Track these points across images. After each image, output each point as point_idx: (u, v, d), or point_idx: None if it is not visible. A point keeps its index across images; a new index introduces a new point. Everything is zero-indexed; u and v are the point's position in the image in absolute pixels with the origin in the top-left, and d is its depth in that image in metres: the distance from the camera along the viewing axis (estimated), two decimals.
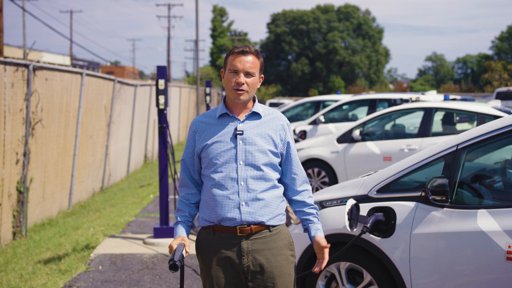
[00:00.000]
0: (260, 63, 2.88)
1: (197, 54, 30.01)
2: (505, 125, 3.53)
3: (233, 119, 2.87)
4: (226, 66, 2.87)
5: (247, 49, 2.83)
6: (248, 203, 2.79)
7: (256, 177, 2.81)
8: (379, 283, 3.79)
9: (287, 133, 2.93)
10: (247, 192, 2.79)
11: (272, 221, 2.84)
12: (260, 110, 2.90)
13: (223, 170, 2.81)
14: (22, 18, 34.35)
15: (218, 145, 2.83)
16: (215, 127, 2.87)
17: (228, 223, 2.80)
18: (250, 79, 2.82)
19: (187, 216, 2.93)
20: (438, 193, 3.49)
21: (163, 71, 6.93)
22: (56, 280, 5.51)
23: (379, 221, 3.73)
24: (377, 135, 9.11)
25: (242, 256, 2.81)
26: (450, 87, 63.57)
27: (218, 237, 2.83)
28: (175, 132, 22.55)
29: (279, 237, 2.87)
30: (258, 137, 2.84)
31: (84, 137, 10.52)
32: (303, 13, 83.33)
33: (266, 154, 2.83)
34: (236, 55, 2.83)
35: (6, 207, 7.47)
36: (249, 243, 2.81)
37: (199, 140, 2.89)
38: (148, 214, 8.79)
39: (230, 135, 2.84)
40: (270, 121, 2.90)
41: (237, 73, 2.81)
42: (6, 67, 7.32)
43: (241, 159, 2.81)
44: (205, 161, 2.86)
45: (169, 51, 47.94)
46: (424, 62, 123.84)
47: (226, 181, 2.80)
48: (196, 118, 2.97)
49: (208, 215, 2.85)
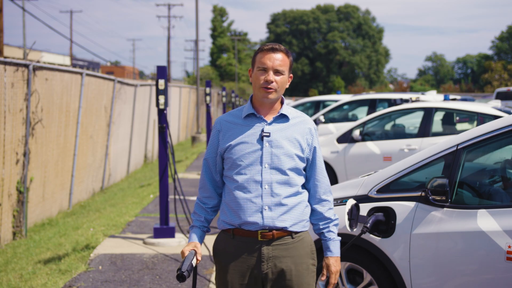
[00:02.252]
0: (290, 62, 2.78)
1: (197, 54, 30.00)
2: (505, 125, 3.53)
3: (260, 120, 2.77)
4: (255, 64, 2.77)
5: (276, 46, 2.75)
6: (271, 208, 2.69)
7: (281, 181, 2.71)
8: (379, 283, 3.79)
9: (314, 138, 2.83)
10: (271, 196, 2.70)
11: (295, 227, 2.74)
12: (288, 112, 2.80)
13: (247, 172, 2.72)
14: (22, 18, 34.36)
15: (243, 146, 2.73)
16: (241, 128, 2.77)
17: (249, 227, 2.70)
18: (279, 78, 2.73)
19: (202, 221, 2.84)
20: (438, 193, 3.49)
21: (163, 71, 6.92)
22: (56, 280, 5.51)
23: (379, 221, 3.73)
24: (377, 135, 9.11)
25: (262, 262, 2.71)
26: (450, 87, 63.59)
27: (238, 241, 2.74)
28: (175, 132, 22.55)
29: (302, 245, 2.77)
30: (285, 140, 2.74)
31: (84, 137, 10.52)
32: (303, 13, 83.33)
33: (293, 158, 2.73)
34: (266, 53, 2.74)
35: (6, 207, 7.47)
36: (269, 249, 2.71)
37: (223, 139, 2.78)
38: (148, 214, 8.79)
39: (257, 137, 2.74)
40: (297, 124, 2.80)
41: (266, 71, 2.72)
42: (6, 67, 7.32)
43: (267, 162, 2.71)
44: (229, 162, 2.76)
45: (169, 51, 47.97)
46: (424, 62, 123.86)
47: (249, 183, 2.71)
48: (221, 117, 2.86)
49: (228, 217, 2.75)
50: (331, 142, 9.28)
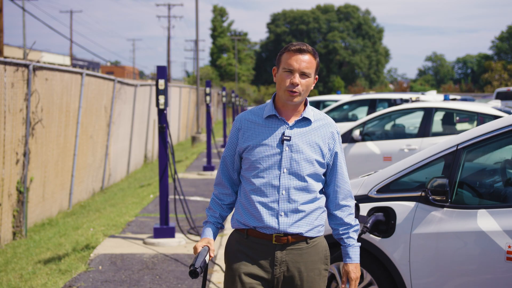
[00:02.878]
0: (317, 63, 2.68)
1: (197, 54, 29.99)
2: (505, 125, 3.53)
3: (281, 123, 2.68)
4: (280, 65, 2.66)
5: (304, 47, 2.62)
6: (288, 214, 2.63)
7: (299, 187, 2.64)
8: (379, 283, 3.79)
9: (336, 142, 2.74)
10: (287, 202, 2.63)
11: (310, 232, 2.68)
12: (310, 115, 2.70)
13: (265, 175, 2.65)
14: (22, 18, 34.36)
15: (263, 148, 2.66)
16: (262, 128, 2.69)
17: (264, 230, 2.65)
18: (305, 80, 2.62)
19: (217, 218, 2.78)
20: (438, 193, 3.49)
21: (163, 71, 6.92)
22: (56, 280, 5.51)
23: (379, 221, 3.73)
24: (377, 135, 9.10)
25: (275, 266, 2.65)
26: (450, 87, 63.58)
27: (252, 242, 2.68)
28: (175, 132, 22.55)
29: (316, 250, 2.71)
30: (306, 145, 2.66)
31: (84, 137, 10.52)
32: (303, 13, 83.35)
33: (312, 164, 2.66)
34: (293, 53, 2.62)
35: (6, 207, 7.47)
36: (283, 253, 2.65)
37: (242, 139, 2.71)
38: (148, 214, 8.79)
39: (277, 140, 2.65)
40: (319, 128, 2.71)
41: (292, 73, 2.61)
42: (6, 67, 7.32)
43: (286, 166, 2.63)
44: (247, 162, 2.70)
45: (169, 51, 47.97)
46: (424, 62, 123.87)
47: (267, 188, 2.64)
48: (242, 114, 2.78)
49: (243, 218, 2.69)
50: None
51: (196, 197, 10.19)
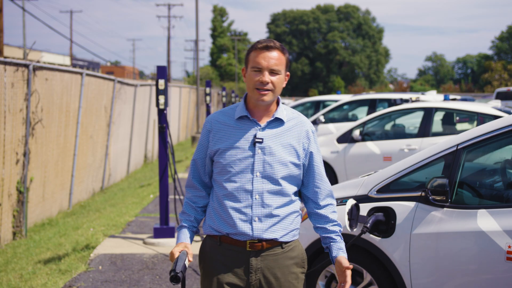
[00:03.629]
0: (286, 59, 2.58)
1: (197, 54, 29.99)
2: (505, 125, 3.53)
3: (253, 124, 2.59)
4: (248, 64, 2.58)
5: (271, 44, 2.55)
6: (262, 219, 2.54)
7: (273, 191, 2.55)
8: (379, 283, 3.79)
9: (311, 142, 2.64)
10: (261, 207, 2.54)
11: (285, 237, 2.60)
12: (283, 115, 2.61)
13: (237, 180, 2.55)
14: (22, 18, 34.36)
15: (234, 151, 2.56)
16: (233, 130, 2.59)
17: (238, 237, 2.55)
18: (275, 78, 2.54)
19: (192, 221, 2.68)
20: (438, 193, 3.48)
21: (163, 71, 6.92)
22: (56, 280, 5.51)
23: (379, 221, 3.73)
24: (377, 135, 9.11)
25: (250, 273, 2.57)
26: (450, 87, 63.61)
27: (225, 249, 2.59)
28: (175, 132, 22.55)
29: (291, 255, 2.63)
30: (279, 147, 2.56)
31: (84, 137, 10.52)
32: (303, 13, 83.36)
33: (287, 166, 2.56)
34: (260, 51, 2.54)
35: (6, 207, 7.47)
36: (258, 259, 2.56)
37: (213, 141, 2.61)
38: (148, 214, 8.79)
39: (249, 142, 2.56)
40: (293, 127, 2.61)
41: (261, 71, 2.53)
42: (6, 67, 7.32)
43: (258, 170, 2.54)
44: (218, 166, 2.60)
45: (169, 51, 47.98)
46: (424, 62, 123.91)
47: (239, 192, 2.54)
48: (212, 115, 2.68)
49: (216, 224, 2.60)
50: (331, 142, 9.28)
51: None
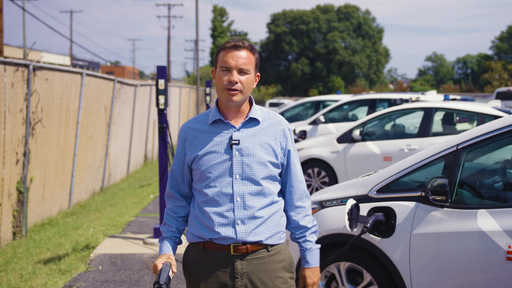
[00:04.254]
0: (256, 59, 2.55)
1: (197, 54, 30.00)
2: (505, 125, 3.53)
3: (227, 127, 2.54)
4: (217, 64, 2.54)
5: (240, 43, 2.51)
6: (245, 222, 2.49)
7: (254, 192, 2.51)
8: (379, 283, 3.79)
9: (288, 140, 2.61)
10: (243, 209, 2.49)
11: (270, 240, 2.54)
12: (258, 115, 2.57)
13: (217, 184, 2.50)
14: (22, 18, 34.37)
15: (211, 156, 2.51)
16: (208, 135, 2.54)
17: (221, 241, 2.50)
18: (244, 77, 2.49)
19: (174, 232, 2.64)
20: (438, 193, 3.48)
21: (163, 71, 6.93)
22: (56, 280, 5.51)
23: (379, 221, 3.73)
24: (377, 135, 9.11)
25: (236, 278, 2.50)
26: (450, 87, 63.58)
27: (209, 255, 2.53)
28: (175, 132, 22.55)
29: (278, 258, 2.57)
30: (257, 146, 2.52)
31: (84, 137, 10.52)
32: (303, 13, 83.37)
33: (266, 166, 2.52)
34: (228, 51, 2.50)
35: (6, 207, 7.47)
36: (244, 263, 2.50)
37: (189, 149, 2.57)
38: (148, 214, 8.79)
39: (225, 145, 2.51)
40: (269, 127, 2.58)
41: (230, 71, 2.49)
42: (6, 67, 7.32)
43: (237, 172, 2.50)
44: (197, 173, 2.55)
45: (169, 51, 47.98)
46: (424, 62, 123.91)
47: (220, 197, 2.49)
48: (186, 123, 2.63)
49: (198, 231, 2.55)
50: (331, 142, 9.28)
51: None
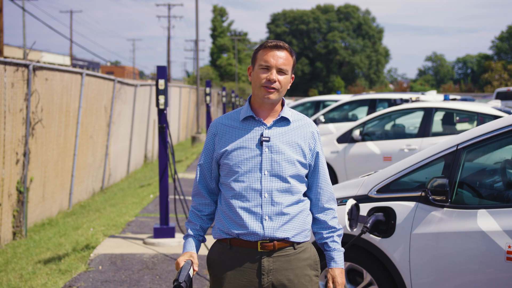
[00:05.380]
0: (293, 61, 2.61)
1: (197, 54, 29.99)
2: (505, 125, 3.53)
3: (259, 124, 2.59)
4: (256, 62, 2.59)
5: (281, 44, 2.57)
6: (272, 218, 2.52)
7: (282, 189, 2.54)
8: (379, 283, 3.79)
9: (316, 142, 2.65)
10: (271, 205, 2.52)
11: (297, 237, 2.57)
12: (289, 115, 2.62)
13: (245, 179, 2.54)
14: (22, 18, 34.37)
15: (241, 151, 2.55)
16: (238, 131, 2.59)
17: (249, 238, 2.52)
18: (282, 77, 2.55)
19: (198, 230, 2.67)
20: (438, 193, 3.48)
21: (163, 71, 6.93)
22: (56, 280, 5.51)
23: (379, 221, 3.73)
24: (377, 135, 9.11)
25: (262, 275, 2.53)
26: (450, 87, 63.61)
27: (236, 252, 2.56)
28: (175, 132, 22.55)
29: (304, 256, 2.60)
30: (286, 145, 2.57)
31: (84, 137, 10.52)
32: (303, 13, 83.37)
33: (294, 164, 2.56)
34: (269, 50, 2.56)
35: (6, 207, 7.47)
36: (270, 260, 2.53)
37: (219, 144, 2.61)
38: (148, 214, 8.79)
39: (255, 141, 2.56)
40: (299, 127, 2.63)
41: (269, 69, 2.54)
42: (6, 67, 7.32)
43: (266, 168, 2.53)
44: (225, 168, 2.59)
45: (169, 51, 47.97)
46: (424, 62, 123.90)
47: (248, 192, 2.53)
48: (217, 119, 2.68)
49: (225, 226, 2.57)
50: (331, 142, 9.28)
51: None
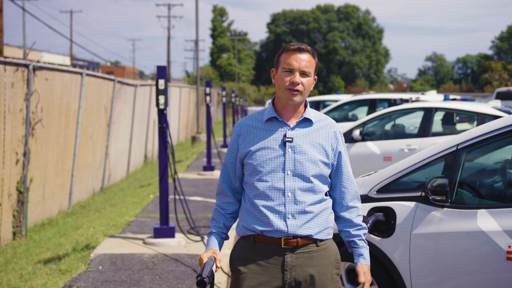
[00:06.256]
0: (316, 63, 2.67)
1: (197, 54, 29.98)
2: (505, 125, 3.53)
3: (282, 125, 2.65)
4: (279, 65, 2.65)
5: (303, 46, 2.63)
6: (295, 216, 2.58)
7: (304, 188, 2.60)
8: (379, 283, 3.79)
9: (339, 142, 2.71)
10: (294, 204, 2.58)
11: (320, 234, 2.62)
12: (311, 116, 2.68)
13: (268, 179, 2.60)
14: (22, 18, 34.38)
15: (265, 151, 2.62)
16: (262, 132, 2.66)
17: (273, 234, 2.58)
18: (305, 79, 2.61)
19: (221, 228, 2.72)
20: (438, 193, 3.48)
21: (163, 71, 6.93)
22: (56, 280, 5.51)
23: (379, 221, 3.73)
24: (377, 135, 9.11)
25: (285, 271, 2.58)
26: (450, 87, 63.62)
27: (259, 248, 2.61)
28: (175, 132, 22.55)
29: (326, 253, 2.65)
30: (309, 145, 2.63)
31: (84, 137, 10.52)
32: (303, 13, 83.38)
33: (317, 164, 2.62)
34: (292, 53, 2.62)
35: (6, 207, 7.47)
36: (293, 257, 2.59)
37: (242, 144, 2.67)
38: (148, 214, 8.79)
39: (279, 142, 2.62)
40: (322, 128, 2.68)
41: (292, 72, 2.60)
42: (6, 67, 7.32)
43: (289, 168, 2.59)
44: (249, 168, 2.65)
45: (169, 51, 47.96)
46: (424, 62, 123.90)
47: (271, 191, 2.59)
48: (241, 120, 2.75)
49: (250, 223, 2.63)
50: None
51: (196, 197, 10.19)
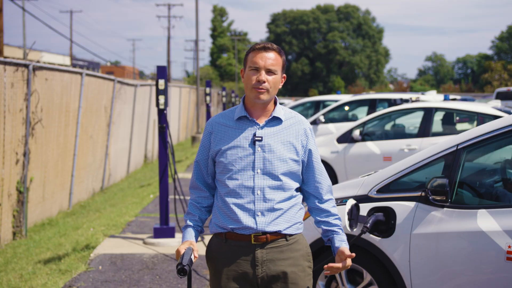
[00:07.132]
0: (283, 61, 2.72)
1: (197, 54, 29.99)
2: (505, 125, 3.53)
3: (252, 124, 2.71)
4: (246, 64, 2.72)
5: (268, 45, 2.69)
6: (264, 213, 2.65)
7: (273, 186, 2.66)
8: (379, 283, 3.79)
9: (309, 139, 2.76)
10: (263, 202, 2.65)
11: (289, 230, 2.69)
12: (281, 114, 2.73)
13: (238, 177, 2.66)
14: (22, 18, 34.38)
15: (235, 150, 2.68)
16: (233, 131, 2.72)
17: (242, 231, 2.66)
18: (271, 77, 2.66)
19: (197, 220, 2.78)
20: (438, 193, 3.48)
21: (163, 71, 6.93)
22: (56, 280, 5.51)
23: (379, 221, 3.73)
24: (377, 135, 9.11)
25: (256, 266, 2.66)
26: (450, 87, 63.62)
27: (231, 245, 2.69)
28: (175, 132, 22.55)
29: (296, 247, 2.72)
30: (278, 144, 2.68)
31: (84, 137, 10.52)
32: (303, 13, 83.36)
33: (286, 162, 2.68)
34: (257, 52, 2.68)
35: (6, 207, 7.47)
36: (264, 252, 2.66)
37: (214, 142, 2.73)
38: (148, 214, 8.79)
39: (249, 141, 2.68)
40: (291, 126, 2.74)
41: (258, 71, 2.66)
42: (6, 67, 7.32)
43: (259, 167, 2.66)
44: (220, 166, 2.72)
45: (169, 51, 47.96)
46: (424, 62, 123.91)
47: (241, 189, 2.66)
48: (213, 118, 2.81)
49: (221, 221, 2.70)
50: (331, 142, 9.28)
51: None
